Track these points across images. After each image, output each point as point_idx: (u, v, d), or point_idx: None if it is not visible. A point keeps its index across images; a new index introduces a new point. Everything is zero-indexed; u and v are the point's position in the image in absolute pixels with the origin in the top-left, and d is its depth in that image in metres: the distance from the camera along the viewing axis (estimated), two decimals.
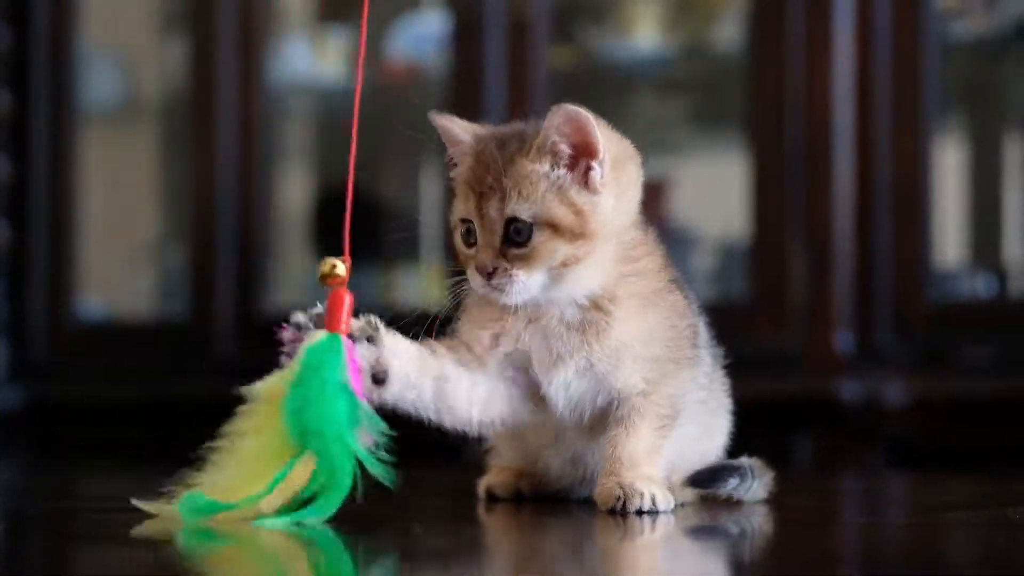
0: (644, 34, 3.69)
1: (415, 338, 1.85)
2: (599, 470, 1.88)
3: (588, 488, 1.93)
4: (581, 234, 1.79)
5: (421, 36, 3.90)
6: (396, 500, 2.10)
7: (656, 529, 1.77)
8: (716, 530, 1.83)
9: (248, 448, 1.74)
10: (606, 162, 1.80)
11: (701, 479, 1.96)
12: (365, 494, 1.72)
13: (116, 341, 4.10)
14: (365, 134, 1.85)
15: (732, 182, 3.40)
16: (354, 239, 1.82)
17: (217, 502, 1.72)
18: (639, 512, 1.82)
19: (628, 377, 1.85)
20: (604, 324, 1.84)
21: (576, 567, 1.57)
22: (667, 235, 3.59)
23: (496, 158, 1.80)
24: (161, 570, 1.53)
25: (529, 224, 1.78)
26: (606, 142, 1.81)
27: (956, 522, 1.96)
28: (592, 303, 1.83)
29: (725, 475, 1.97)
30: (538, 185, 1.79)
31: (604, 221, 1.80)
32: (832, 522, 2.04)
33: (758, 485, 2.00)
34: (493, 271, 1.79)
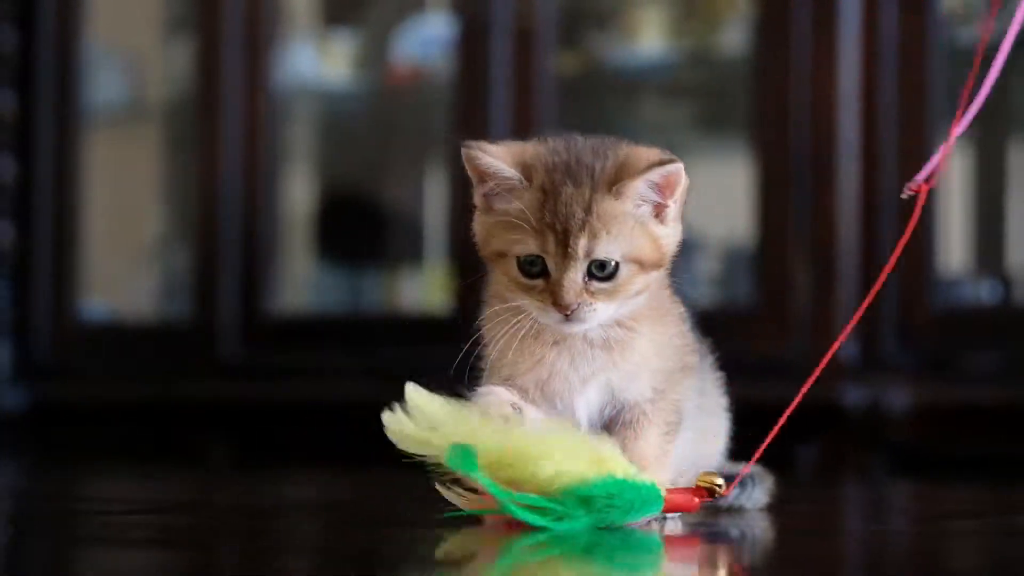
0: (649, 39, 3.69)
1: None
2: None
3: None
4: (658, 265, 1.82)
5: (427, 40, 3.90)
6: (401, 504, 2.10)
7: (661, 534, 1.77)
8: (720, 536, 1.83)
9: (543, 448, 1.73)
10: (679, 198, 1.84)
11: None
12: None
13: (120, 342, 4.11)
14: (370, 137, 1.85)
15: (737, 188, 3.40)
16: (358, 242, 1.82)
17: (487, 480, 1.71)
18: None
19: (642, 389, 1.86)
20: (628, 341, 1.85)
21: (582, 571, 1.57)
22: None
23: (574, 196, 1.79)
24: (164, 572, 1.53)
25: (617, 262, 1.79)
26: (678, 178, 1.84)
27: (960, 530, 1.96)
28: (616, 321, 1.84)
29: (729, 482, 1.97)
30: (625, 224, 1.80)
31: (672, 249, 1.84)
32: (835, 530, 2.05)
33: (760, 492, 2.01)
34: (577, 305, 1.80)
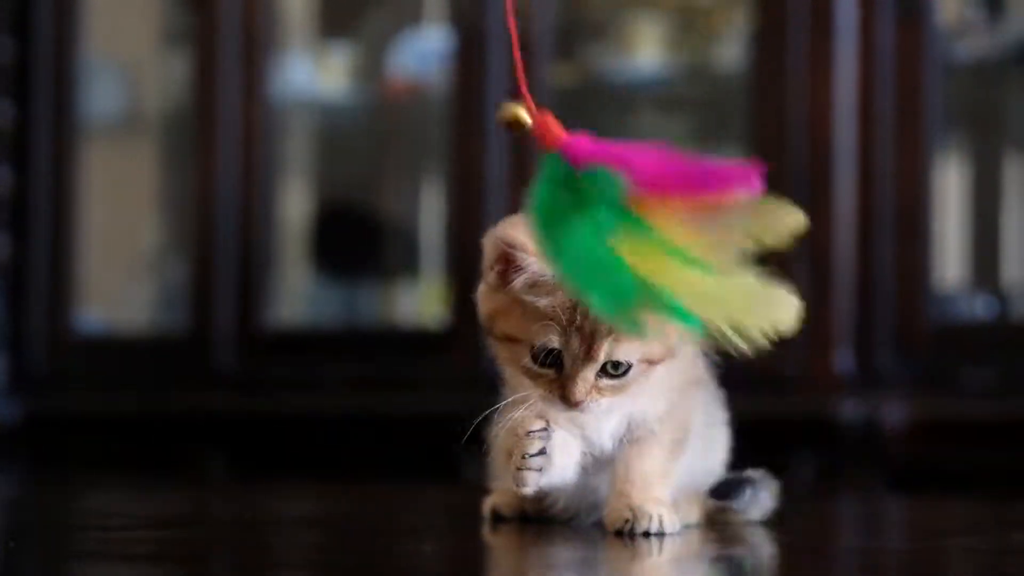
0: (646, 53, 3.70)
1: None
2: (608, 491, 1.89)
3: (594, 516, 1.94)
4: (666, 359, 1.82)
5: (424, 52, 3.91)
6: (399, 517, 2.10)
7: (663, 551, 1.77)
8: (717, 553, 1.83)
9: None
10: None
11: (721, 492, 2.00)
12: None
13: (115, 354, 4.10)
14: (367, 149, 1.85)
15: None
16: (354, 254, 1.82)
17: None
18: (646, 534, 1.83)
19: (656, 410, 1.87)
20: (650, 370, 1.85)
21: None
22: None
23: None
24: None
25: (631, 364, 1.80)
26: None
27: (957, 547, 1.95)
28: None
29: (741, 487, 2.00)
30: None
31: (677, 340, 1.82)
32: (831, 546, 2.04)
33: (766, 496, 2.03)
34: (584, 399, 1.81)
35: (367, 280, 4.06)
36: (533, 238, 1.74)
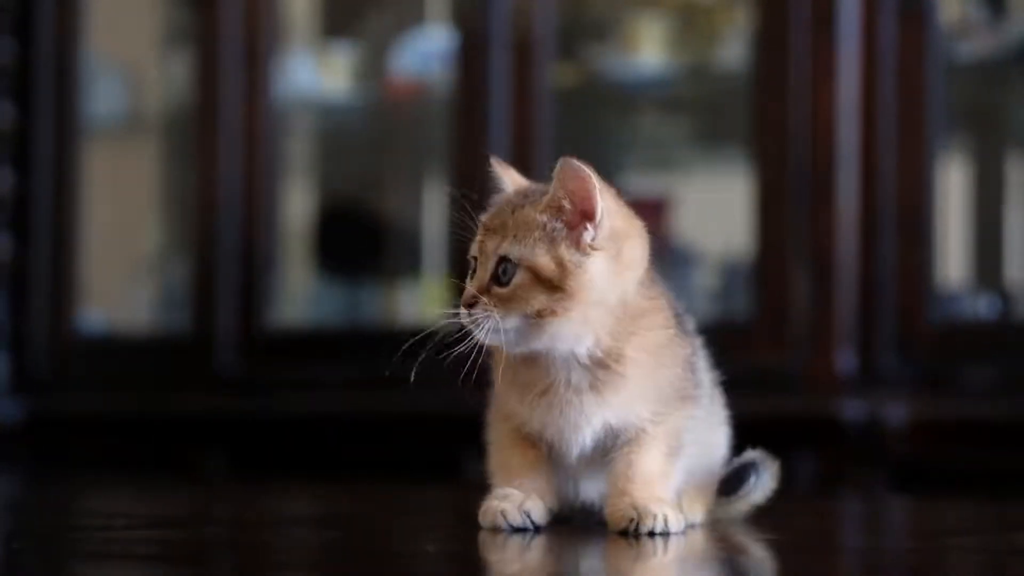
0: (648, 53, 3.69)
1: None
2: (608, 490, 1.88)
3: (585, 512, 1.94)
4: (560, 288, 1.81)
5: (426, 53, 3.91)
6: (399, 517, 2.10)
7: (668, 551, 1.77)
8: (720, 554, 1.83)
9: None
10: (602, 228, 1.83)
11: (730, 485, 2.01)
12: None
13: (117, 355, 4.10)
14: (369, 149, 1.86)
15: (735, 201, 3.40)
16: (356, 255, 1.83)
17: None
18: (651, 533, 1.83)
19: (640, 415, 1.87)
20: (615, 380, 1.85)
21: None
22: (669, 254, 3.60)
23: (511, 204, 1.87)
24: None
25: (515, 265, 1.82)
26: (610, 211, 1.83)
27: (959, 547, 1.95)
28: (596, 362, 1.85)
29: (746, 474, 2.02)
30: (533, 231, 1.83)
31: (589, 285, 1.82)
32: (833, 545, 2.04)
33: (768, 477, 2.04)
34: (474, 303, 1.83)
35: (369, 280, 4.06)
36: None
